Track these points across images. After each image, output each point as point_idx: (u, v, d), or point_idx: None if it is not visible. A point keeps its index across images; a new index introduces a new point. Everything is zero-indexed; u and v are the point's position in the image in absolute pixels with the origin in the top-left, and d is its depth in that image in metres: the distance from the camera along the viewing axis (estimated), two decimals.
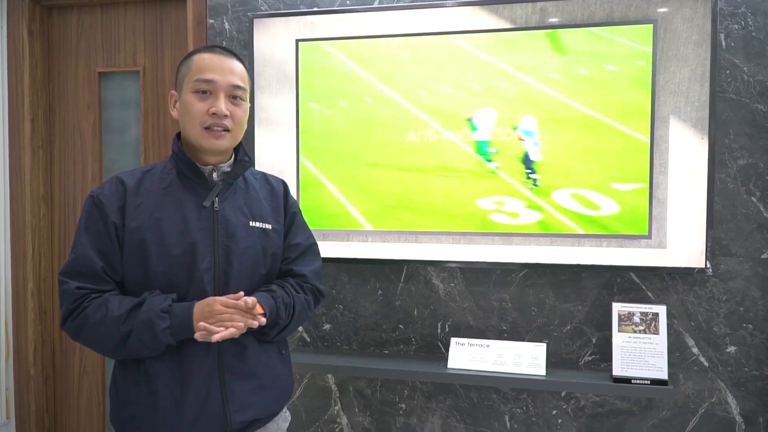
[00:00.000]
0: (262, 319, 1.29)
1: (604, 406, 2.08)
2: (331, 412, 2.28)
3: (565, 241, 1.98)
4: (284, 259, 1.47)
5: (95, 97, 2.57)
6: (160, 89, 2.51)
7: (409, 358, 2.14)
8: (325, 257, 1.87)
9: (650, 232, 1.92)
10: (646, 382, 1.87)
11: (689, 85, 1.88)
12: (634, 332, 1.93)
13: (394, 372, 2.03)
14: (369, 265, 2.18)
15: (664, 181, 1.91)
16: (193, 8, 2.33)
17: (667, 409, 2.04)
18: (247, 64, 1.62)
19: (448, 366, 2.01)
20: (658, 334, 1.92)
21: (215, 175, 1.38)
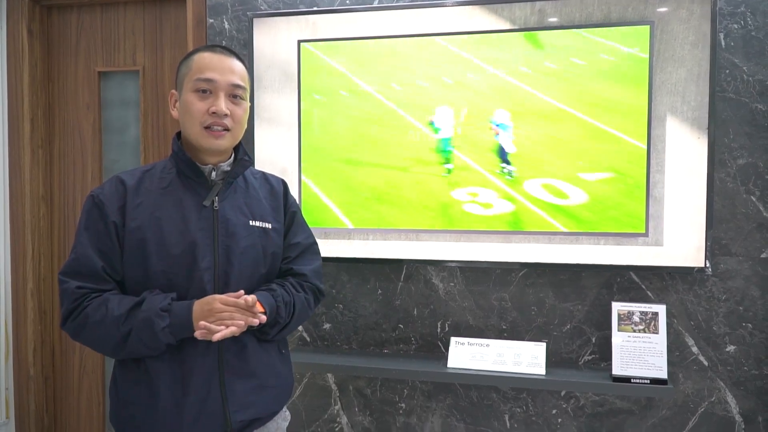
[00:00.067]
0: (262, 317, 1.30)
1: (604, 406, 2.08)
2: (331, 411, 2.28)
3: (564, 239, 1.98)
4: (284, 258, 1.47)
5: (95, 97, 2.57)
6: (160, 89, 2.51)
7: (408, 358, 2.14)
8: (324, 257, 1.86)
9: (647, 230, 1.92)
10: (646, 382, 1.88)
11: (686, 85, 1.89)
12: (634, 331, 1.93)
13: (394, 371, 2.03)
14: (369, 264, 2.18)
15: (661, 180, 1.91)
16: (192, 8, 2.33)
17: (667, 409, 2.04)
18: (247, 63, 1.62)
19: (448, 365, 2.02)
20: (657, 334, 1.92)
21: (215, 175, 1.38)
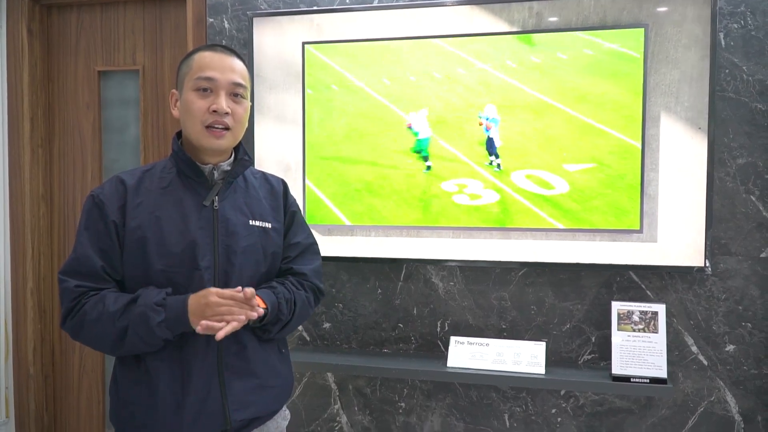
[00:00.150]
0: (260, 310, 1.29)
1: (604, 405, 2.08)
2: (330, 410, 2.28)
3: (560, 236, 1.99)
4: (284, 258, 1.48)
5: (95, 96, 2.57)
6: (160, 88, 2.51)
7: (408, 357, 2.14)
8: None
9: (642, 227, 1.94)
10: (645, 381, 1.88)
11: (679, 86, 1.91)
12: (634, 331, 1.93)
13: (394, 371, 2.03)
14: (369, 263, 2.18)
15: (655, 179, 1.93)
16: (192, 7, 2.33)
17: (666, 408, 2.04)
18: (247, 62, 1.62)
19: (448, 365, 2.02)
20: (657, 333, 1.92)
21: (215, 174, 1.38)
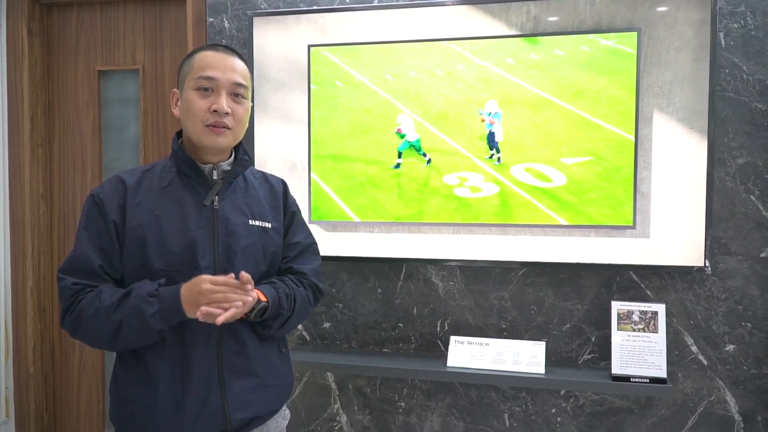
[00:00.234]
0: (255, 294, 1.27)
1: (603, 405, 2.09)
2: (330, 410, 2.28)
3: (555, 231, 2.01)
4: (284, 257, 1.48)
5: (95, 96, 2.57)
6: (160, 87, 2.51)
7: (408, 357, 2.14)
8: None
9: (635, 223, 1.96)
10: (645, 381, 1.88)
11: (671, 87, 1.93)
12: (633, 330, 1.93)
13: (394, 370, 2.03)
14: (369, 263, 2.18)
15: (648, 177, 1.95)
16: (192, 6, 2.33)
17: (666, 408, 2.04)
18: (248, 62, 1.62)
19: (448, 364, 2.02)
20: (657, 333, 1.92)
21: (215, 174, 1.38)
